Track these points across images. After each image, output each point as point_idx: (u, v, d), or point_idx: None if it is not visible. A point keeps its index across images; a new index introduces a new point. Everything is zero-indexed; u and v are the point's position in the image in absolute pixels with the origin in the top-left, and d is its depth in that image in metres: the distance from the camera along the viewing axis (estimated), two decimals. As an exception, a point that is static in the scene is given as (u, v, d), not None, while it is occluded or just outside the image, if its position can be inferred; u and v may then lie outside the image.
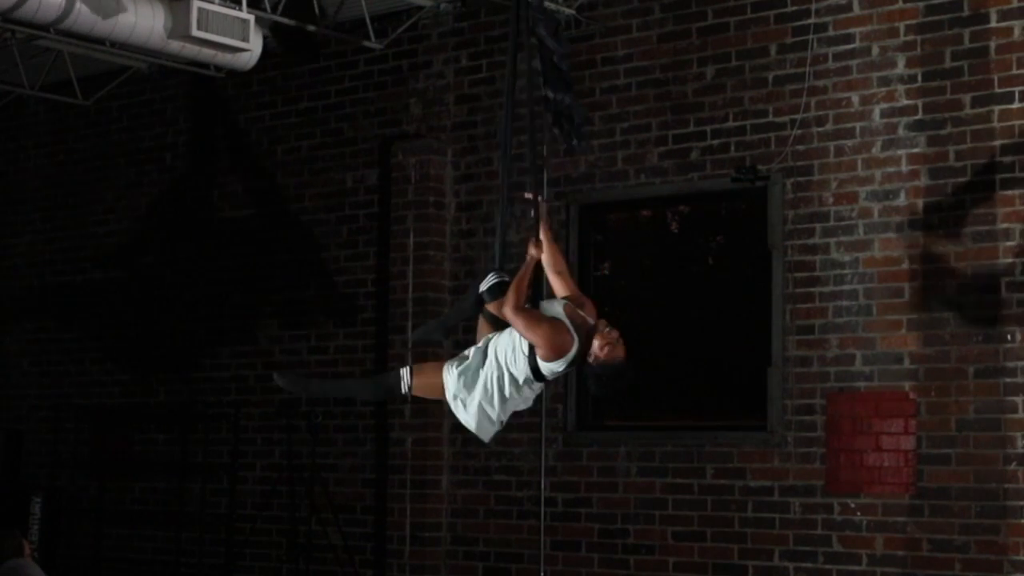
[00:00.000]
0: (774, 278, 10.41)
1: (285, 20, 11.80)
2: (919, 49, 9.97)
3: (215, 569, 12.83)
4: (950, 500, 9.66)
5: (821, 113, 10.30)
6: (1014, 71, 9.62)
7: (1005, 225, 9.62)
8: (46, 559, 12.97)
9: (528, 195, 7.34)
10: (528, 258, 7.07)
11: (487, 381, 7.05)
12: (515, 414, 11.48)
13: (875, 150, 10.09)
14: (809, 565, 10.10)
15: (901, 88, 10.03)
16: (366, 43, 12.28)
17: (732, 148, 10.65)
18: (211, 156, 13.56)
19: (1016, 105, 9.61)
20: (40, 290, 14.67)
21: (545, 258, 7.14)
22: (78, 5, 10.35)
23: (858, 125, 10.16)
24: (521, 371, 6.97)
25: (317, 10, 11.81)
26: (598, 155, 11.25)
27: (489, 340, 7.09)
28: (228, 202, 13.34)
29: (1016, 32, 9.65)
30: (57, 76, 13.49)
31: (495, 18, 11.75)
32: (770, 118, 10.51)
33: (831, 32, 10.29)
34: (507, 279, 7.08)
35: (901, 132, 10.01)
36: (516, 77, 7.59)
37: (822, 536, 10.08)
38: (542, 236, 7.16)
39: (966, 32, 9.81)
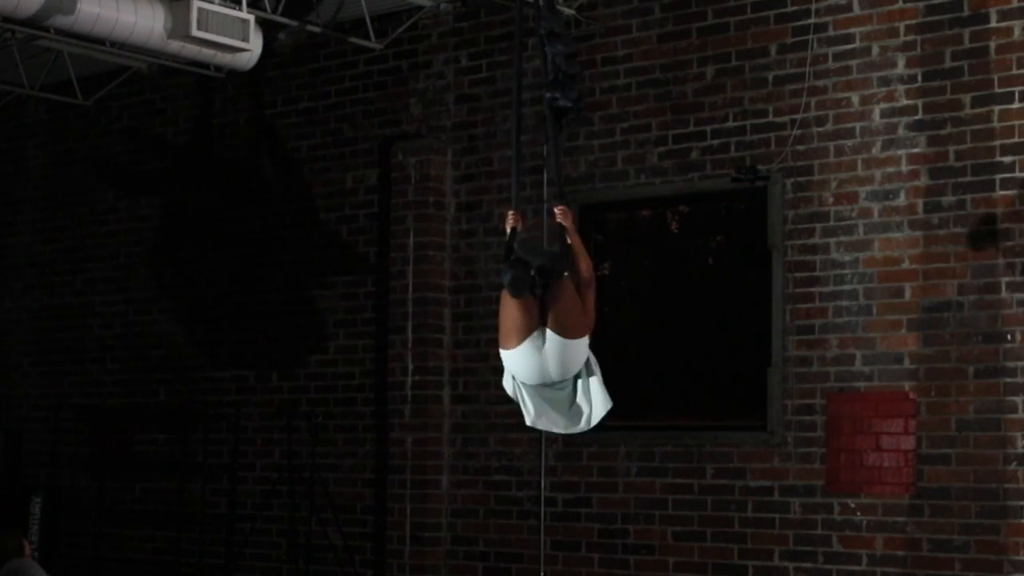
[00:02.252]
0: (774, 278, 10.41)
1: (285, 20, 11.81)
2: (919, 49, 9.98)
3: (215, 569, 12.83)
4: (950, 500, 9.66)
5: (821, 113, 10.30)
6: (1014, 71, 9.62)
7: (1005, 225, 9.62)
8: (46, 559, 12.96)
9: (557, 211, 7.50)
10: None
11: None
12: (515, 413, 11.54)
13: (875, 150, 10.09)
14: (809, 565, 10.10)
15: (901, 88, 10.03)
16: (366, 43, 12.28)
17: (732, 148, 10.65)
18: (211, 156, 13.55)
19: (1016, 105, 9.61)
20: (40, 290, 14.67)
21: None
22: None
23: (858, 125, 10.16)
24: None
25: (317, 10, 11.80)
26: (598, 155, 11.25)
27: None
28: (228, 202, 13.34)
29: (1016, 32, 9.65)
30: (57, 76, 13.48)
31: (495, 18, 11.75)
32: (770, 118, 10.51)
33: (831, 32, 10.29)
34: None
35: (901, 132, 10.01)
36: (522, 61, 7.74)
37: (822, 536, 10.08)
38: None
39: (966, 32, 9.81)
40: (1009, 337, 9.56)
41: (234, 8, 10.80)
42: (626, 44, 11.21)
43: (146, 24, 10.66)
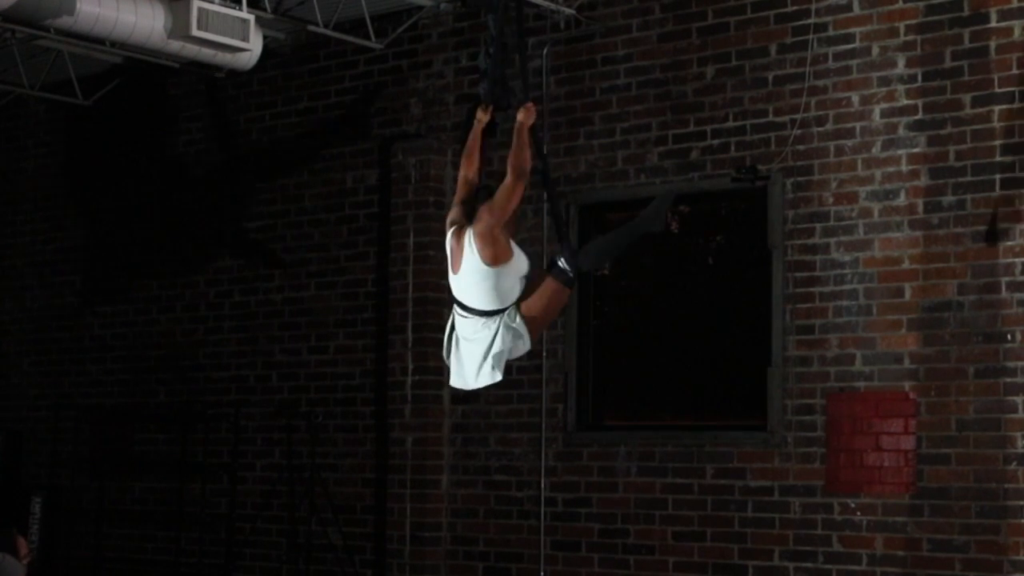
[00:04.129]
0: (774, 278, 10.41)
1: (285, 20, 11.81)
2: (919, 49, 9.98)
3: (215, 569, 12.83)
4: (950, 500, 9.66)
5: (821, 113, 10.30)
6: (1014, 71, 9.62)
7: (1005, 225, 9.62)
8: (46, 559, 12.98)
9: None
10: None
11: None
12: (515, 413, 11.60)
13: (875, 150, 10.09)
14: (809, 565, 10.10)
15: (901, 88, 10.03)
16: (366, 43, 12.28)
17: (732, 148, 10.65)
18: (211, 155, 13.55)
19: (1016, 105, 9.61)
20: (40, 290, 14.67)
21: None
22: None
23: (858, 125, 10.16)
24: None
25: (317, 10, 11.80)
26: (598, 155, 11.25)
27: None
28: (228, 202, 13.34)
29: (1016, 32, 9.65)
30: (57, 76, 13.47)
31: (495, 18, 11.73)
32: (770, 118, 10.51)
33: (831, 32, 10.30)
34: None
35: (901, 132, 10.01)
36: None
37: (822, 536, 10.08)
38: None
39: (966, 32, 9.81)
40: (1009, 337, 9.56)
41: (234, 8, 10.81)
42: (626, 44, 11.21)
43: (146, 24, 10.67)
